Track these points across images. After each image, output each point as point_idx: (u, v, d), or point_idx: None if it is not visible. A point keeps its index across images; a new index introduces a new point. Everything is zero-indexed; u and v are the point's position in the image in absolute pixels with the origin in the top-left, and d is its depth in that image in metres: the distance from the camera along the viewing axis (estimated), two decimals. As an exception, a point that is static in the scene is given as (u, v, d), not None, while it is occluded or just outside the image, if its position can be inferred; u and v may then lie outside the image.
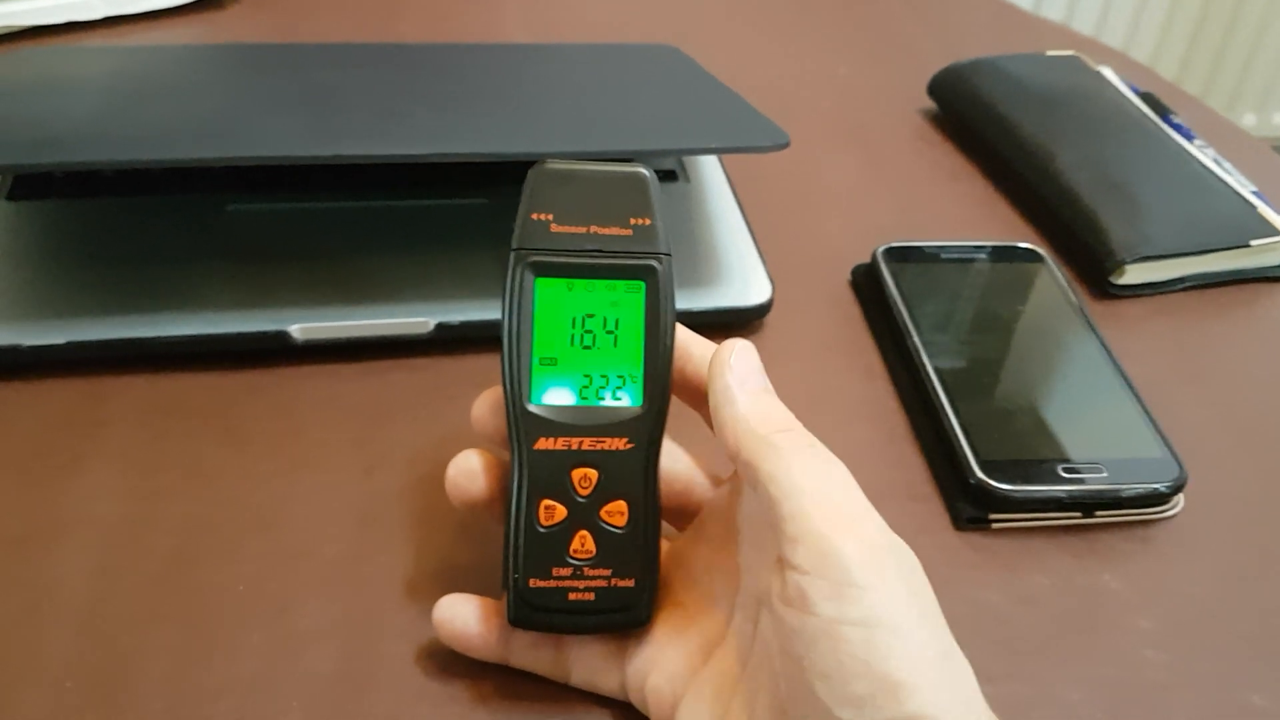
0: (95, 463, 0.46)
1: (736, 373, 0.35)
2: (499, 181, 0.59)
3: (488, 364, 0.37)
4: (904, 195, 0.67)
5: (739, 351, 0.36)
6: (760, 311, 0.55)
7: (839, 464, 0.35)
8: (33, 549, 0.42)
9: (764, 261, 0.57)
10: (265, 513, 0.45)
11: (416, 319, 0.51)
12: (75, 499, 0.44)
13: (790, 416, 0.35)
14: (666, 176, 0.63)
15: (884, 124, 0.74)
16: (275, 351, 0.51)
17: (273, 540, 0.43)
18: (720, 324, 0.54)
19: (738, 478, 0.37)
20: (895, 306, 0.55)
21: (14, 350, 0.48)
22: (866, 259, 0.59)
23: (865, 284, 0.58)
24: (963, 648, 0.32)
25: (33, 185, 0.58)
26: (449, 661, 0.39)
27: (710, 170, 0.64)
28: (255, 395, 0.50)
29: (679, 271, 0.37)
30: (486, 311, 0.52)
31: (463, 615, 0.38)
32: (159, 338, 0.49)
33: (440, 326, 0.51)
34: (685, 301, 0.53)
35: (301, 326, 0.50)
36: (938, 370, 0.51)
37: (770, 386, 0.36)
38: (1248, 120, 2.08)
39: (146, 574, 0.42)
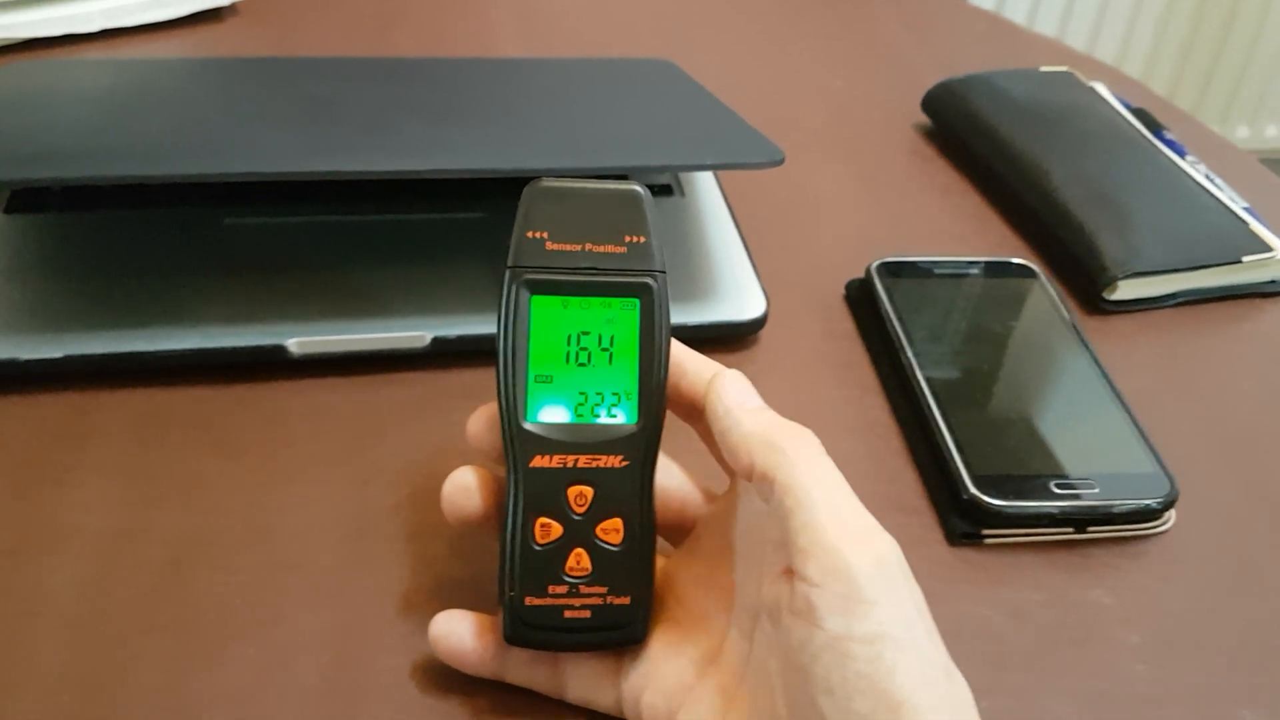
0: (89, 475, 0.46)
1: (734, 398, 0.36)
2: (495, 196, 0.59)
3: (483, 378, 0.37)
4: (898, 210, 0.67)
5: (732, 379, 0.36)
6: (755, 326, 0.55)
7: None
8: (26, 560, 0.43)
9: (758, 276, 0.57)
10: (258, 524, 0.45)
11: (413, 333, 0.51)
12: (69, 510, 0.45)
13: (797, 425, 0.35)
14: (661, 191, 0.63)
15: (878, 138, 0.74)
16: (270, 365, 0.51)
17: (266, 552, 0.44)
18: (715, 338, 0.55)
19: (732, 494, 0.38)
20: (889, 321, 0.55)
21: (10, 364, 0.49)
22: (860, 273, 0.59)
23: (859, 298, 0.59)
24: (955, 661, 0.33)
25: (30, 198, 0.58)
26: (443, 676, 0.39)
27: (705, 184, 0.65)
28: (249, 408, 0.50)
29: (673, 286, 0.38)
30: (482, 326, 0.52)
31: (458, 632, 0.38)
32: (155, 352, 0.49)
33: (436, 340, 0.51)
34: (680, 316, 0.53)
35: (298, 340, 0.50)
36: (931, 385, 0.51)
37: (767, 406, 0.36)
38: (1241, 132, 2.09)
39: (140, 585, 0.42)
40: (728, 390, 0.36)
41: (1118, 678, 0.42)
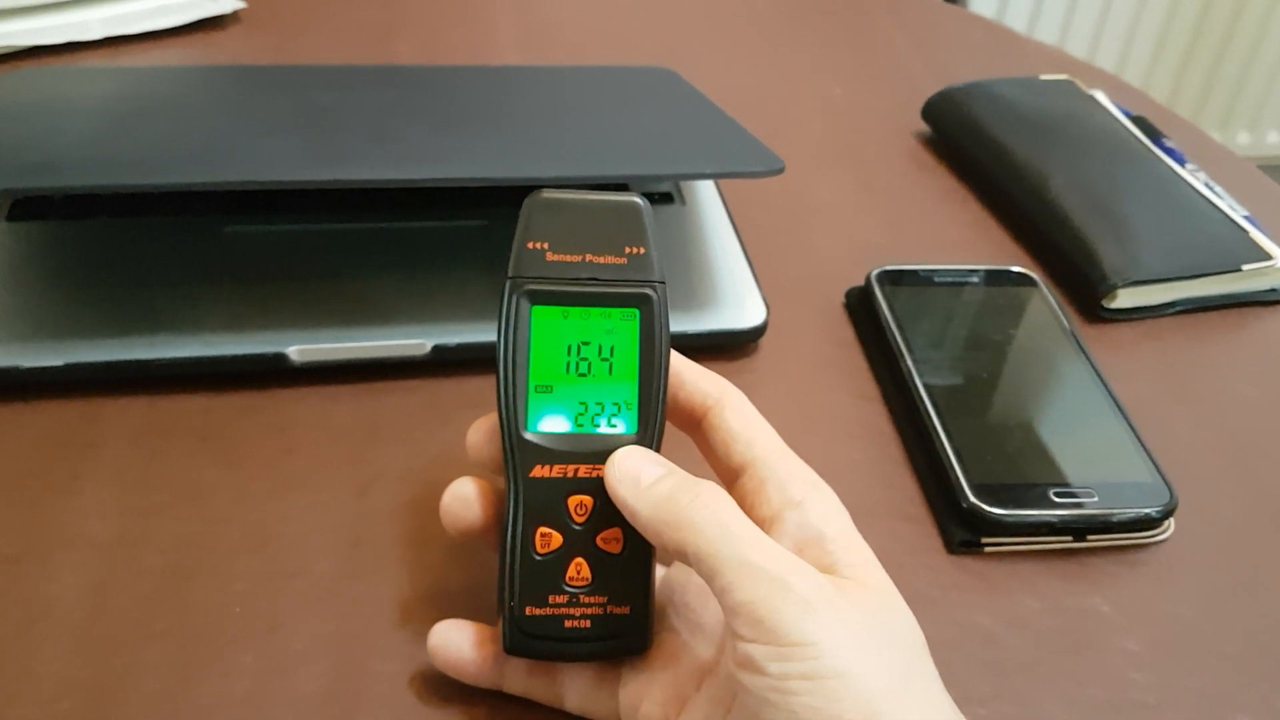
0: (91, 482, 0.46)
1: (626, 487, 0.35)
2: (496, 204, 0.59)
3: (483, 385, 0.37)
4: (898, 217, 0.67)
5: (619, 463, 0.36)
6: (755, 334, 0.55)
7: (824, 488, 0.36)
8: (28, 567, 0.43)
9: (759, 284, 0.57)
10: (258, 532, 0.45)
11: (413, 340, 0.52)
12: (71, 518, 0.45)
13: (692, 486, 0.34)
14: (662, 199, 0.64)
15: (878, 146, 0.75)
16: (272, 372, 0.51)
17: (266, 559, 0.44)
18: (715, 346, 0.55)
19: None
20: (888, 329, 0.55)
21: (13, 371, 0.49)
22: (860, 281, 0.59)
23: (859, 306, 0.59)
24: (952, 669, 0.33)
25: (32, 206, 0.59)
26: (442, 684, 0.39)
27: (706, 192, 0.65)
28: (250, 416, 0.50)
29: (674, 294, 0.38)
30: (483, 334, 0.52)
31: (457, 642, 0.38)
32: (157, 360, 0.50)
33: (437, 349, 0.52)
34: (681, 324, 0.53)
35: (299, 348, 0.50)
36: (930, 393, 0.51)
37: (665, 466, 0.36)
38: (1242, 139, 2.10)
39: (140, 592, 0.42)
40: (619, 480, 0.35)
41: (1116, 685, 0.42)
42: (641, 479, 0.35)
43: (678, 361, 0.38)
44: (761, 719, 0.31)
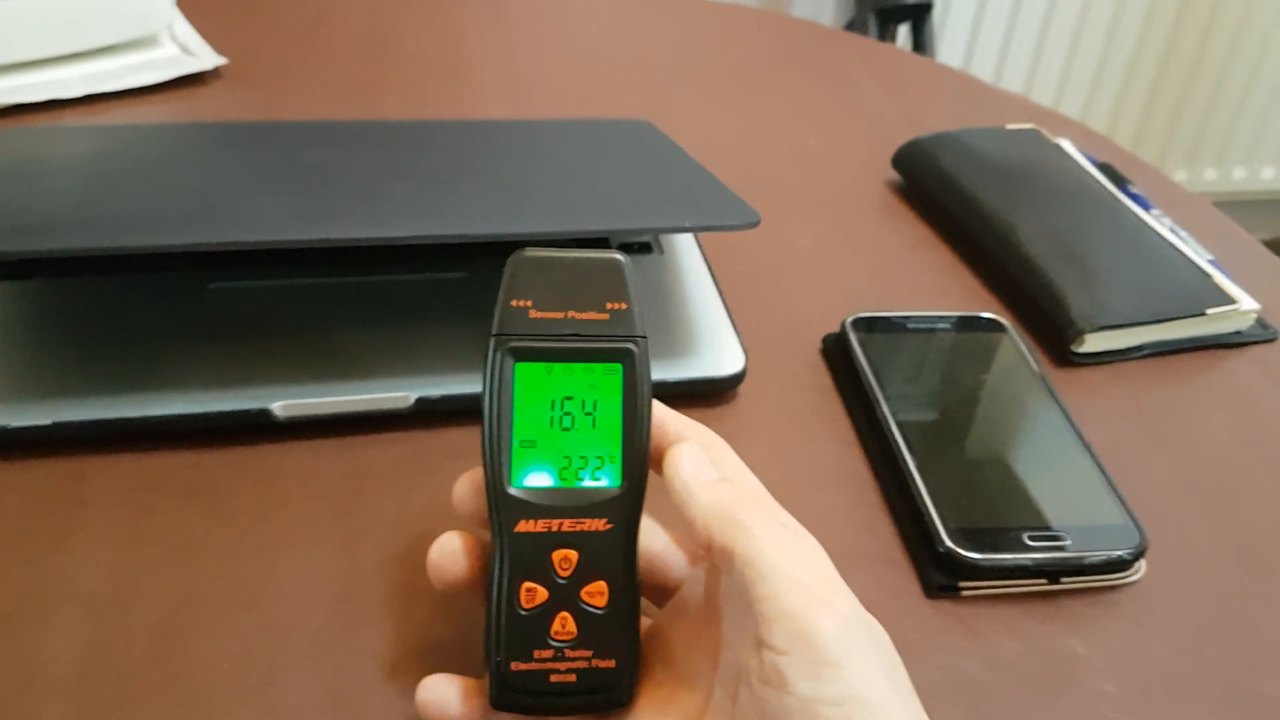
0: (81, 540, 0.47)
1: (689, 472, 0.37)
2: (478, 256, 0.60)
3: (467, 436, 0.38)
4: (871, 265, 0.69)
5: (686, 452, 0.37)
6: (734, 381, 0.56)
7: (809, 538, 0.36)
8: (21, 626, 0.43)
9: (737, 331, 0.58)
10: (249, 588, 0.45)
11: (397, 394, 0.52)
12: (62, 576, 0.45)
13: (752, 495, 0.36)
14: (641, 249, 0.65)
15: (853, 195, 0.76)
16: (257, 428, 0.52)
17: (257, 615, 0.44)
18: (695, 394, 0.56)
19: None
20: (864, 375, 0.56)
21: (0, 431, 0.49)
22: (836, 328, 0.60)
23: (835, 353, 0.60)
24: (934, 714, 0.33)
25: (17, 266, 0.59)
26: (432, 737, 0.40)
27: (684, 242, 0.66)
28: (237, 471, 0.50)
29: (654, 343, 0.38)
30: (466, 385, 0.53)
31: (445, 696, 0.38)
32: (143, 417, 0.50)
33: (421, 401, 0.52)
34: (660, 372, 0.54)
35: (284, 404, 0.51)
36: (906, 438, 0.52)
37: (723, 476, 0.37)
38: (1209, 175, 2.13)
39: (134, 650, 0.42)
40: (682, 465, 0.37)
41: (1093, 727, 0.43)
42: (703, 475, 0.36)
43: (660, 412, 0.39)
44: None
